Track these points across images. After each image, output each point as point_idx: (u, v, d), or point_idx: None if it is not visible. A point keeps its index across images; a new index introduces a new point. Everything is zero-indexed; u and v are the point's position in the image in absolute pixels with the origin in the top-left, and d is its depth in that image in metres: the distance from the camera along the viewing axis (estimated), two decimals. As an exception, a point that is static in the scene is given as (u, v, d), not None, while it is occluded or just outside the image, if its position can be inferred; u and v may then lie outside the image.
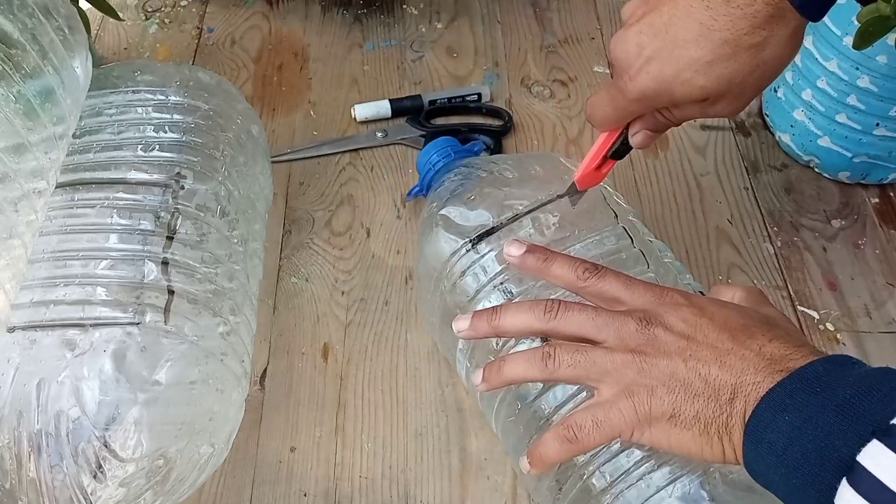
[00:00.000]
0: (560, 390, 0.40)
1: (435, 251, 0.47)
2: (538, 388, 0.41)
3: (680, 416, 0.32)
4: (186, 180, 0.48)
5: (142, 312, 0.41)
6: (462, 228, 0.47)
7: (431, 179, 0.55)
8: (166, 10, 0.79)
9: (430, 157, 0.56)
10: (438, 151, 0.56)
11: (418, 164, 0.57)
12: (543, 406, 0.41)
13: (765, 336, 0.33)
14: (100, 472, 0.39)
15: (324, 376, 0.54)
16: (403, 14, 0.79)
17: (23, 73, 0.42)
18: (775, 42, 0.37)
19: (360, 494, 0.49)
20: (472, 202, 0.48)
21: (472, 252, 0.45)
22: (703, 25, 0.37)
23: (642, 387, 0.33)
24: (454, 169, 0.53)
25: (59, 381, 0.39)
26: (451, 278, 0.46)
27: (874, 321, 0.57)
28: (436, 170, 0.55)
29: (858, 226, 0.62)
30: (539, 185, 0.48)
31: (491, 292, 0.44)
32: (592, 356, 0.35)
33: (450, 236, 0.47)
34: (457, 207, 0.48)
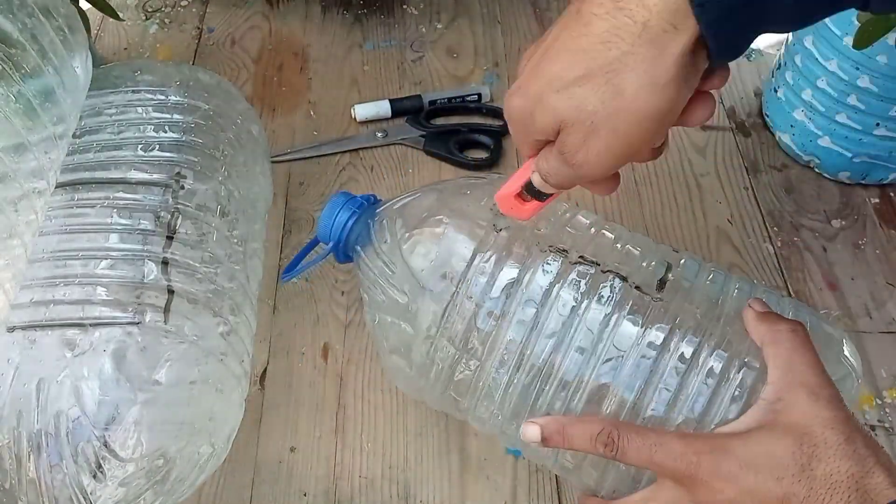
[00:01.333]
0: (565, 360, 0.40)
1: (452, 247, 0.42)
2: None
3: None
4: (186, 180, 0.48)
5: (142, 312, 0.41)
6: (478, 215, 0.43)
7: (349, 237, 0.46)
8: (166, 11, 0.79)
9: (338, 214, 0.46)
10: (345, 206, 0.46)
11: (323, 231, 0.47)
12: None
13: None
14: (99, 472, 0.38)
15: (324, 376, 0.54)
16: (403, 14, 0.79)
17: (23, 72, 0.42)
18: (636, 63, 0.29)
19: (360, 494, 0.49)
20: (474, 194, 0.44)
21: (504, 231, 0.42)
22: (581, 35, 0.31)
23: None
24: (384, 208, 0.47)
25: (59, 381, 0.39)
26: (489, 263, 0.41)
27: (874, 321, 0.57)
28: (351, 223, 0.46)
29: (858, 226, 0.62)
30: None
31: (543, 259, 0.41)
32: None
33: (471, 223, 0.42)
34: (459, 201, 0.44)
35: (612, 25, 0.29)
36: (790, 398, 0.35)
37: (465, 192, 0.45)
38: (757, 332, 0.37)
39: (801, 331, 0.36)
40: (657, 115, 0.30)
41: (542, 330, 0.40)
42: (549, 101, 0.32)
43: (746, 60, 0.75)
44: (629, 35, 0.29)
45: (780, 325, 0.36)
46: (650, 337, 0.38)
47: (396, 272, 0.43)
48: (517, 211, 0.39)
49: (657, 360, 0.38)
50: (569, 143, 0.32)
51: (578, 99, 0.31)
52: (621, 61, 0.29)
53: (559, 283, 0.40)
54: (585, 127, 0.31)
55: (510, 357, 0.40)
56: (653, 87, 0.29)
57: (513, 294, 0.40)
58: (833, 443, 0.33)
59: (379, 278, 0.44)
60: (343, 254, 0.47)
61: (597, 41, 0.30)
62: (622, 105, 0.30)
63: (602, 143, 0.31)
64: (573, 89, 0.31)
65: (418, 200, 0.46)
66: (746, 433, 0.35)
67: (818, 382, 0.35)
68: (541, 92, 0.32)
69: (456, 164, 0.66)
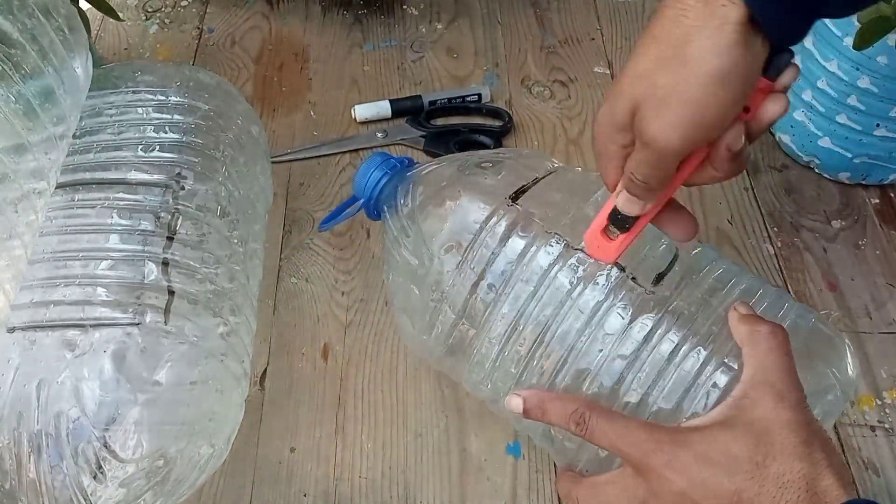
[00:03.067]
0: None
1: (463, 218, 0.44)
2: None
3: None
4: (187, 181, 0.48)
5: (142, 313, 0.41)
6: (493, 189, 0.44)
7: (381, 191, 0.49)
8: (166, 11, 0.79)
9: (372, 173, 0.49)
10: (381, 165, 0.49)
11: (358, 187, 0.49)
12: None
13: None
14: (100, 473, 0.39)
15: (324, 376, 0.54)
16: (403, 14, 0.79)
17: (22, 73, 0.42)
18: (699, 33, 0.31)
19: (360, 495, 0.49)
20: (492, 169, 0.46)
21: (515, 207, 0.43)
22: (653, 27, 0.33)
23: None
24: (412, 172, 0.48)
25: (59, 382, 0.39)
26: (495, 236, 0.42)
27: (874, 322, 0.57)
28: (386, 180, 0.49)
29: (859, 226, 0.62)
30: (537, 159, 0.48)
31: (546, 241, 0.42)
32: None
33: (483, 197, 0.44)
34: (477, 174, 0.46)
35: (679, 10, 0.32)
36: (755, 396, 0.35)
37: (488, 164, 0.47)
38: (737, 333, 0.38)
39: (779, 333, 0.37)
40: (722, 76, 0.31)
41: (536, 308, 0.41)
42: (625, 88, 0.34)
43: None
44: (693, 13, 0.31)
45: (760, 327, 0.37)
46: (636, 328, 0.39)
47: (411, 236, 0.45)
48: (603, 251, 0.40)
49: (639, 350, 0.39)
50: (644, 120, 0.33)
51: (651, 78, 0.32)
52: (686, 35, 0.31)
53: (558, 266, 0.41)
54: (657, 100, 0.32)
55: (503, 329, 0.42)
56: (716, 50, 0.31)
57: (513, 270, 0.42)
58: (789, 444, 0.34)
59: (396, 239, 0.46)
60: (373, 211, 0.50)
61: (666, 24, 0.32)
62: (688, 71, 0.31)
63: (673, 114, 0.32)
64: (647, 72, 0.33)
65: (441, 169, 0.47)
66: (707, 428, 0.36)
67: (786, 384, 0.35)
68: (620, 86, 0.34)
69: (456, 165, 0.66)
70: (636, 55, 0.34)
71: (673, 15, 0.32)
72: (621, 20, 0.79)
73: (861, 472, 0.50)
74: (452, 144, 0.66)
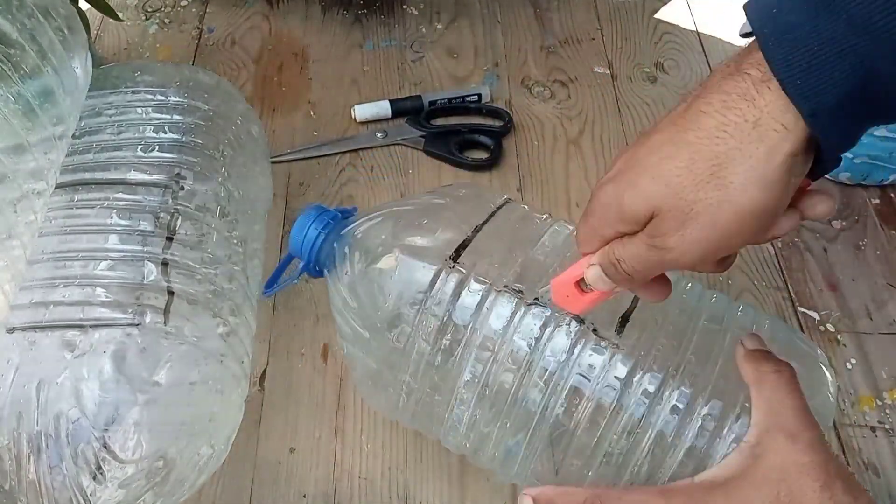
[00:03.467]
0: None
1: (406, 286, 0.41)
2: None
3: None
4: (186, 181, 0.47)
5: (141, 313, 0.41)
6: (432, 251, 0.42)
7: (319, 251, 0.46)
8: (166, 11, 0.79)
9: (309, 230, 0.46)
10: (316, 221, 0.46)
11: (294, 245, 0.46)
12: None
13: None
14: (99, 474, 0.38)
15: (323, 377, 0.54)
16: (403, 14, 0.79)
17: (22, 73, 0.42)
18: (745, 160, 0.28)
19: (360, 495, 0.49)
20: (428, 225, 0.43)
21: (457, 268, 0.41)
22: (688, 130, 0.30)
23: None
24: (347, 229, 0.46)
25: (59, 383, 0.39)
26: (441, 305, 0.41)
27: (875, 322, 0.57)
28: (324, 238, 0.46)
29: (859, 227, 0.62)
30: (476, 202, 0.45)
31: (496, 301, 0.40)
32: None
33: (421, 263, 0.41)
34: (413, 235, 0.43)
35: (721, 122, 0.29)
36: (768, 442, 0.34)
37: (422, 220, 0.44)
38: (744, 371, 0.37)
39: (786, 372, 0.36)
40: (762, 212, 0.29)
41: (500, 370, 0.40)
42: (644, 186, 0.31)
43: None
44: (738, 133, 0.28)
45: (766, 366, 0.36)
46: (607, 383, 0.38)
47: (358, 308, 0.43)
48: (572, 302, 0.37)
49: (615, 403, 0.38)
50: (663, 227, 0.31)
51: (677, 187, 0.30)
52: (728, 156, 0.29)
53: (513, 326, 0.40)
54: (683, 213, 0.30)
55: (470, 395, 0.41)
56: (762, 184, 0.28)
57: (469, 335, 0.40)
58: (809, 489, 0.33)
59: (342, 310, 0.44)
60: (316, 271, 0.47)
61: (704, 136, 0.29)
62: (727, 197, 0.29)
63: (699, 232, 0.30)
64: (672, 177, 0.30)
65: (376, 229, 0.45)
66: (726, 483, 0.35)
67: (798, 425, 0.34)
68: (636, 178, 0.31)
69: (456, 165, 0.66)
70: (661, 151, 0.30)
71: (715, 126, 0.29)
72: (621, 20, 0.78)
73: (861, 472, 0.50)
74: (452, 144, 0.66)
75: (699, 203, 0.29)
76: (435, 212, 0.44)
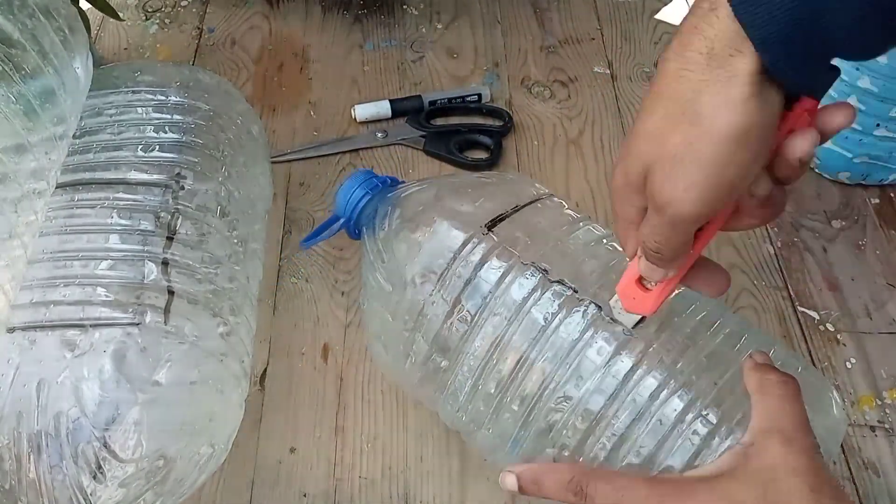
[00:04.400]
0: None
1: (439, 243, 0.43)
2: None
3: None
4: (186, 181, 0.48)
5: (142, 313, 0.41)
6: (470, 217, 0.43)
7: (362, 211, 0.48)
8: (166, 11, 0.79)
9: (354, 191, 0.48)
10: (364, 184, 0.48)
11: (339, 204, 0.49)
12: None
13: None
14: (99, 473, 0.38)
15: (324, 377, 0.54)
16: (404, 14, 0.79)
17: (23, 73, 0.42)
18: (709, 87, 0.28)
19: (360, 495, 0.49)
20: (472, 194, 0.45)
21: (490, 237, 0.42)
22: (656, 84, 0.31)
23: None
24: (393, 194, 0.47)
25: (59, 382, 0.39)
26: (468, 267, 0.41)
27: (874, 322, 0.57)
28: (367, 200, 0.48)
29: (859, 226, 0.62)
30: (521, 187, 0.46)
31: (520, 273, 0.41)
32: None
33: (458, 224, 0.43)
34: (455, 199, 0.44)
35: (681, 63, 0.29)
36: (763, 443, 0.34)
37: (467, 189, 0.45)
38: (748, 380, 0.37)
39: (791, 383, 0.36)
40: (738, 134, 0.28)
41: (508, 342, 0.40)
42: (635, 148, 0.31)
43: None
44: (697, 66, 0.29)
45: (771, 376, 0.36)
46: (612, 371, 0.38)
47: (387, 262, 0.44)
48: (639, 304, 0.37)
49: (615, 395, 0.38)
50: (655, 182, 0.31)
51: (660, 137, 0.30)
52: (695, 90, 0.29)
53: (532, 300, 0.40)
54: (668, 161, 0.30)
55: (476, 363, 0.41)
56: (730, 105, 0.28)
57: (487, 302, 0.41)
58: (797, 491, 0.33)
59: (372, 264, 0.45)
60: (354, 231, 0.49)
61: (670, 80, 0.30)
62: (701, 129, 0.29)
63: (687, 176, 0.29)
64: (653, 130, 0.30)
65: (419, 193, 0.46)
66: (714, 478, 0.34)
67: (794, 429, 0.34)
68: (629, 147, 0.32)
69: (456, 165, 0.66)
70: (643, 113, 0.31)
71: (676, 69, 0.29)
72: (621, 20, 0.79)
73: (861, 472, 0.50)
74: (452, 144, 0.66)
75: (679, 145, 0.29)
76: (481, 185, 0.46)
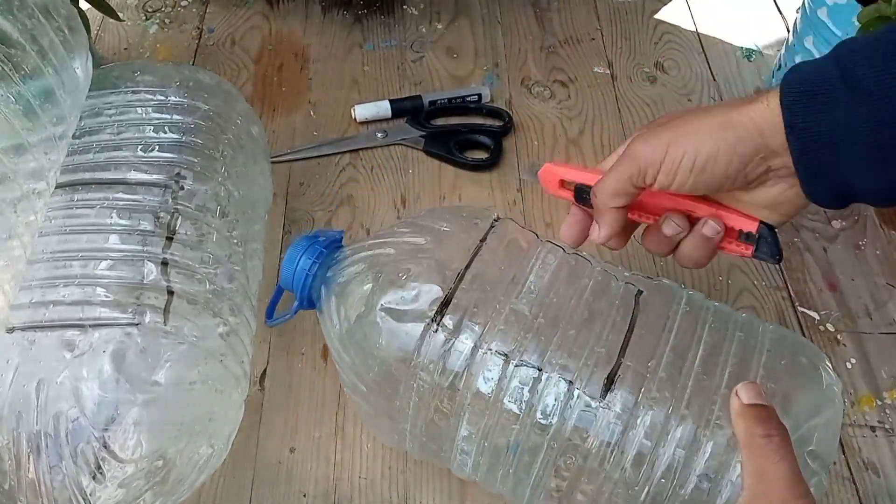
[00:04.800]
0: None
1: (391, 349, 0.41)
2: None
3: None
4: (186, 181, 0.47)
5: (141, 313, 0.41)
6: (413, 312, 0.40)
7: (310, 288, 0.45)
8: (166, 11, 0.79)
9: (299, 263, 0.45)
10: (306, 253, 0.45)
11: (285, 279, 0.46)
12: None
13: None
14: (99, 473, 0.38)
15: (323, 377, 0.54)
16: (404, 15, 0.79)
17: (22, 73, 0.42)
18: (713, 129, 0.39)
19: (360, 495, 0.49)
20: (409, 280, 0.41)
21: (441, 330, 0.40)
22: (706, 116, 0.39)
23: None
24: (335, 265, 0.45)
25: (59, 382, 0.39)
26: (429, 368, 0.40)
27: (874, 322, 0.57)
28: (313, 274, 0.45)
29: (859, 227, 0.62)
30: (458, 239, 0.44)
31: (484, 362, 0.40)
32: None
33: (405, 326, 0.40)
34: (393, 293, 0.41)
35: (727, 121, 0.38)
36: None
37: (402, 275, 0.42)
38: (736, 430, 0.36)
39: (776, 437, 0.35)
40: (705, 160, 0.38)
41: (494, 429, 0.40)
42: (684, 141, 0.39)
43: (747, 61, 0.75)
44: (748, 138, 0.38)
45: (756, 429, 0.35)
46: (597, 443, 0.38)
47: (350, 363, 0.43)
48: (551, 187, 0.46)
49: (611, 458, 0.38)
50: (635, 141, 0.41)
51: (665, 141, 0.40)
52: (726, 111, 0.38)
53: (501, 390, 0.39)
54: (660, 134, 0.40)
55: (469, 448, 0.41)
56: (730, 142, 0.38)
57: (458, 398, 0.40)
58: None
59: (339, 363, 0.45)
60: (311, 306, 0.47)
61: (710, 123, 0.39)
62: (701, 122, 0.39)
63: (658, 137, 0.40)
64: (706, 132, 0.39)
65: (356, 281, 0.44)
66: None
67: (786, 495, 0.34)
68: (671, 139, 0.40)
69: (456, 165, 0.66)
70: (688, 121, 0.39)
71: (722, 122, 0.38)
72: (621, 20, 0.79)
73: (861, 472, 0.50)
74: (452, 144, 0.66)
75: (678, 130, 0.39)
76: (414, 259, 0.43)
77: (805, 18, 0.62)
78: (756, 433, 0.35)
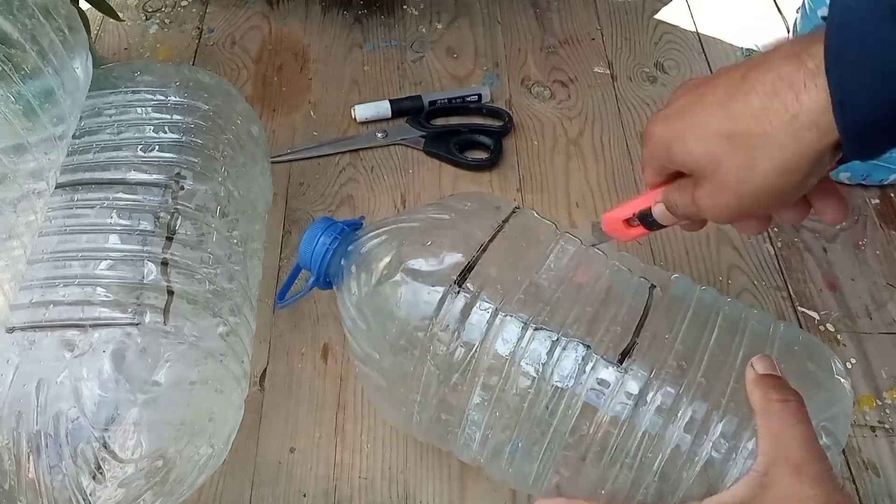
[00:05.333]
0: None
1: (411, 311, 0.41)
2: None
3: None
4: (186, 181, 0.47)
5: (141, 313, 0.41)
6: (437, 274, 0.41)
7: (329, 264, 0.46)
8: (166, 11, 0.79)
9: (319, 240, 0.45)
10: (327, 231, 0.46)
11: (303, 256, 0.46)
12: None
13: None
14: (99, 473, 0.38)
15: (323, 377, 0.54)
16: (404, 15, 0.79)
17: (22, 73, 0.42)
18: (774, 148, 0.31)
19: (360, 495, 0.49)
20: (432, 247, 0.42)
21: (462, 293, 0.40)
22: (738, 101, 0.33)
23: None
24: (356, 241, 0.46)
25: (59, 382, 0.39)
26: (448, 330, 0.40)
27: (874, 322, 0.57)
28: (333, 249, 0.45)
29: (859, 227, 0.62)
30: (482, 216, 0.44)
31: (503, 325, 0.40)
32: None
33: (426, 288, 0.41)
34: (417, 256, 0.42)
35: (766, 106, 0.31)
36: (774, 473, 0.35)
37: (426, 241, 0.43)
38: (751, 397, 0.37)
39: (793, 402, 0.36)
40: (779, 195, 0.33)
41: (506, 396, 0.40)
42: (689, 142, 0.35)
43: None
44: (778, 120, 0.31)
45: (773, 395, 0.36)
46: (617, 403, 0.38)
47: (367, 329, 0.43)
48: (621, 233, 0.42)
49: (627, 427, 0.38)
50: (699, 190, 0.35)
51: (716, 155, 0.33)
52: (763, 139, 0.32)
53: (519, 354, 0.40)
54: (716, 182, 0.34)
55: (479, 417, 0.41)
56: (783, 173, 0.32)
57: (475, 361, 0.40)
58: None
59: (352, 332, 0.44)
60: (326, 285, 0.47)
61: (748, 112, 0.32)
62: (751, 178, 0.33)
63: (726, 200, 0.34)
64: (714, 143, 0.34)
65: (381, 249, 0.44)
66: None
67: (804, 458, 0.34)
68: (684, 132, 0.35)
69: (456, 165, 0.66)
70: (710, 112, 0.34)
71: (759, 108, 0.32)
72: (621, 20, 0.79)
73: (861, 472, 0.50)
74: (452, 145, 0.66)
75: (729, 176, 0.33)
76: (439, 230, 0.44)
77: (805, 18, 0.62)
78: (773, 398, 0.36)
